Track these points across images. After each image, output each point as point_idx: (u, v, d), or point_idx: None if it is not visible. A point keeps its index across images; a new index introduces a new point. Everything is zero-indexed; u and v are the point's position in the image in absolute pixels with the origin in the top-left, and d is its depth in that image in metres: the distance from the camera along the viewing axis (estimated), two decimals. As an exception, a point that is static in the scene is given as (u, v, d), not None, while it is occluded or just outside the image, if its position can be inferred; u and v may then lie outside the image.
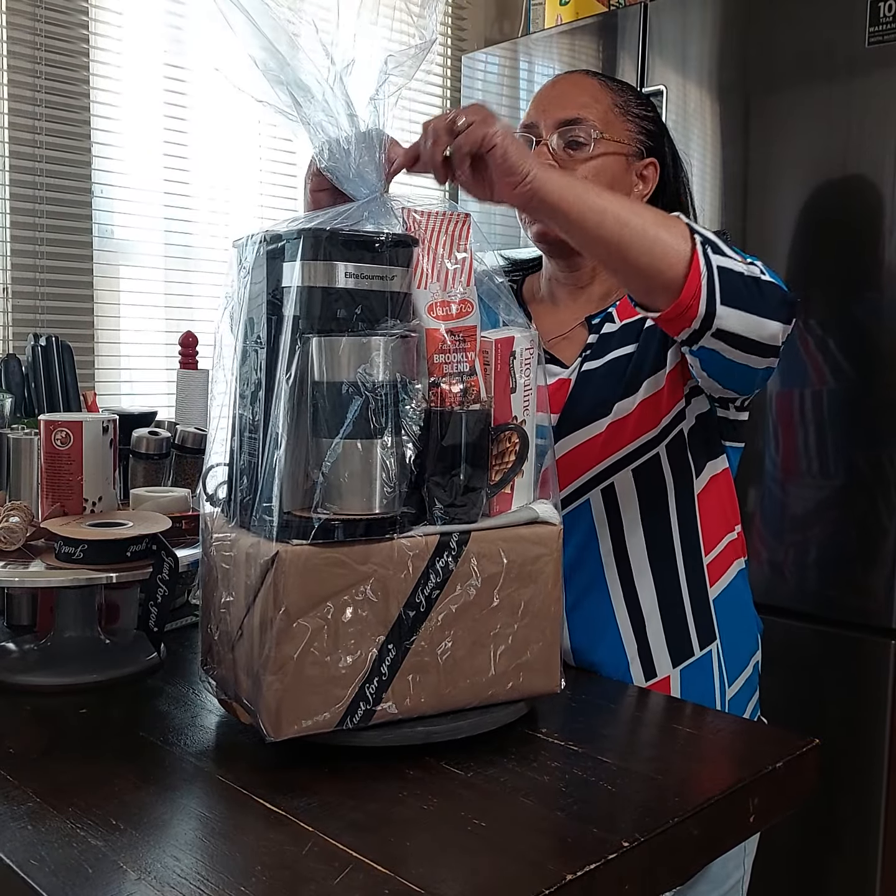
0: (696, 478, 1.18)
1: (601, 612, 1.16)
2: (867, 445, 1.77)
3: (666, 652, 1.16)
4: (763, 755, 0.84)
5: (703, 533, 1.18)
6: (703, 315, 0.96)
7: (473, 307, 0.85)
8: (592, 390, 1.17)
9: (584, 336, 1.23)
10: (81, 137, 2.11)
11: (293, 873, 0.64)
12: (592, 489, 1.16)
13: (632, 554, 1.16)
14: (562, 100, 1.21)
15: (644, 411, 1.15)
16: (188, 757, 0.82)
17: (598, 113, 1.20)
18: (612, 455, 1.15)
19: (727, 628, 1.19)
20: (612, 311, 1.22)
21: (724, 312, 0.97)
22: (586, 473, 1.15)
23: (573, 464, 1.15)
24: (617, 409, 1.15)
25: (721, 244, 0.99)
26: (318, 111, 0.82)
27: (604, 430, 1.15)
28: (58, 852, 0.67)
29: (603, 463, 1.15)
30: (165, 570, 0.94)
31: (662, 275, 0.96)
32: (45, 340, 1.35)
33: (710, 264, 0.96)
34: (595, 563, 1.16)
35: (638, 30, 2.17)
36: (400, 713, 0.81)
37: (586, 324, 1.23)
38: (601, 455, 1.15)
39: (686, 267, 0.95)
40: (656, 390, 1.15)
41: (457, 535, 0.82)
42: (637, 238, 0.95)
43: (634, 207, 0.99)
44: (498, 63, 2.55)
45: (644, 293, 1.00)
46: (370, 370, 0.78)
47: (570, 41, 2.34)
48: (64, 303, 2.11)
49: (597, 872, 0.66)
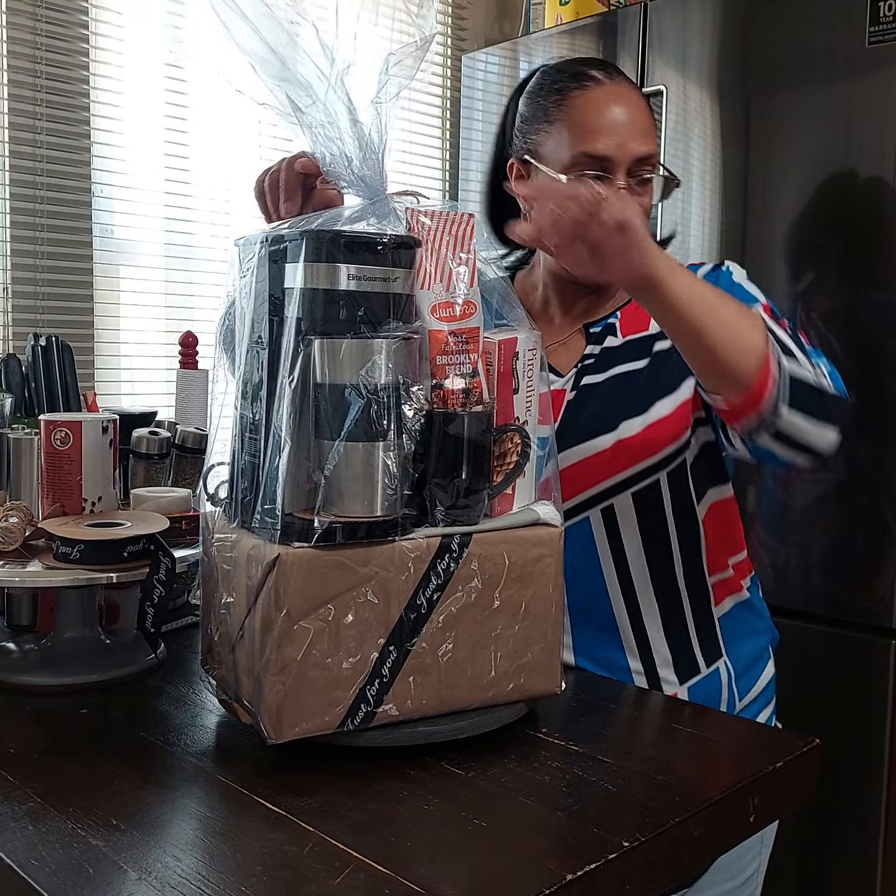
0: (698, 504, 1.17)
1: (605, 627, 1.15)
2: (871, 445, 1.77)
3: (672, 669, 1.15)
4: (763, 755, 0.84)
5: (706, 556, 1.17)
6: (766, 415, 0.97)
7: (477, 308, 0.85)
8: (595, 405, 1.16)
9: (580, 344, 1.21)
10: (81, 137, 2.11)
11: (294, 873, 0.64)
12: (592, 507, 1.14)
13: (633, 571, 1.15)
14: (635, 131, 1.12)
15: (650, 434, 1.13)
16: (188, 757, 0.82)
17: (656, 140, 1.14)
18: (614, 475, 1.13)
19: (734, 645, 1.19)
20: (615, 322, 1.20)
21: (787, 418, 0.97)
22: (587, 490, 1.14)
23: (574, 479, 1.13)
24: (623, 427, 1.13)
25: (792, 345, 1.00)
26: (319, 114, 0.82)
27: (608, 447, 1.13)
28: (58, 852, 0.67)
29: (605, 482, 1.13)
30: (162, 571, 0.94)
31: (737, 368, 0.96)
32: (45, 340, 1.35)
33: (781, 368, 0.97)
34: (597, 579, 1.15)
35: (638, 30, 2.17)
36: (401, 715, 0.81)
37: (583, 331, 1.21)
38: (604, 473, 1.13)
39: (759, 365, 0.95)
40: (666, 415, 1.14)
41: (458, 536, 0.82)
42: (722, 329, 0.95)
43: (724, 297, 0.98)
44: (498, 63, 2.55)
45: (714, 380, 1.00)
46: (372, 372, 0.78)
47: (570, 41, 2.34)
48: (64, 303, 2.11)
49: (597, 872, 0.66)
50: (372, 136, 0.83)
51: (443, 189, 2.88)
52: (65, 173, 2.09)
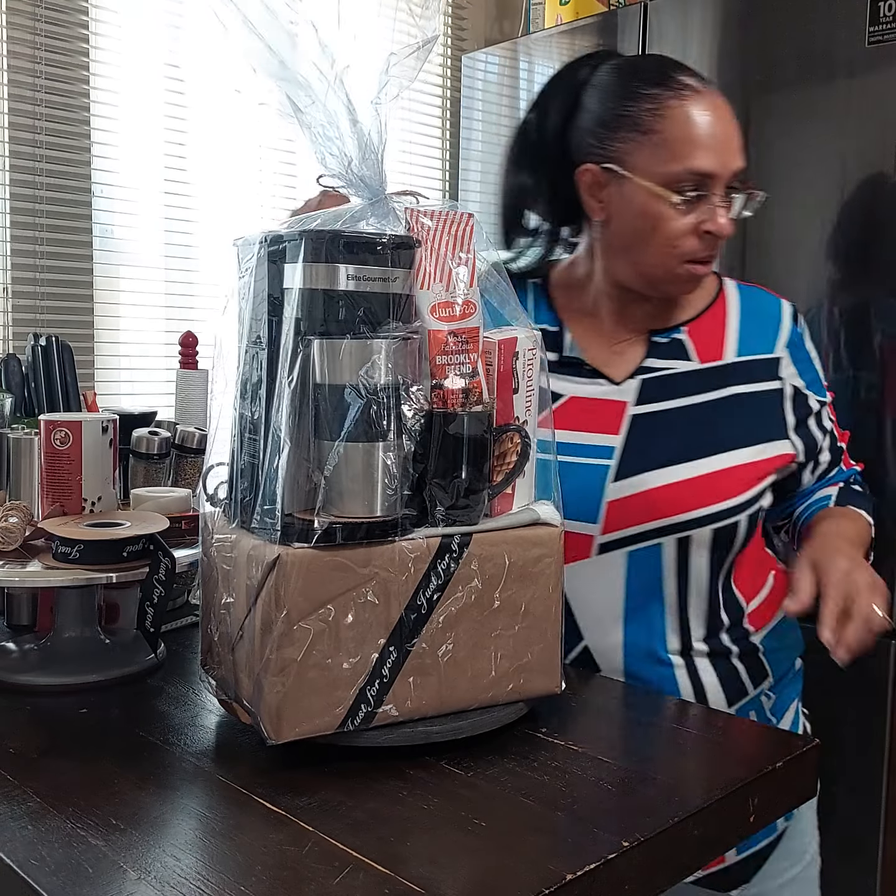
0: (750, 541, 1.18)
1: (656, 655, 1.14)
2: (873, 445, 1.77)
3: (722, 694, 1.14)
4: (763, 755, 0.84)
5: (741, 586, 1.17)
6: None
7: (477, 308, 0.84)
8: (676, 432, 1.13)
9: (637, 352, 1.17)
10: (81, 137, 2.11)
11: (293, 873, 0.64)
12: (668, 535, 1.11)
13: (691, 606, 1.13)
14: (733, 144, 1.09)
15: (744, 472, 1.12)
16: (188, 757, 0.82)
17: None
18: (703, 507, 1.10)
19: (776, 665, 1.20)
20: (682, 338, 1.17)
21: None
22: (670, 518, 1.10)
23: (655, 503, 1.10)
24: (716, 459, 1.12)
25: (859, 479, 1.29)
26: (319, 114, 0.82)
27: (699, 475, 1.11)
28: (58, 852, 0.67)
29: (693, 513, 1.10)
30: (162, 571, 0.94)
31: None
32: (45, 340, 1.35)
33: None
34: (658, 611, 1.13)
35: (638, 30, 2.17)
36: (401, 715, 0.81)
37: (646, 340, 1.18)
38: (692, 503, 1.10)
39: None
40: (755, 460, 1.13)
41: (458, 537, 0.82)
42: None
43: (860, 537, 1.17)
44: (498, 63, 2.55)
45: None
46: (372, 372, 0.78)
47: (570, 41, 2.34)
48: (64, 303, 2.11)
49: (597, 872, 0.66)
50: (371, 136, 0.83)
51: (443, 189, 2.88)
52: (64, 173, 2.09)
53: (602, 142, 1.12)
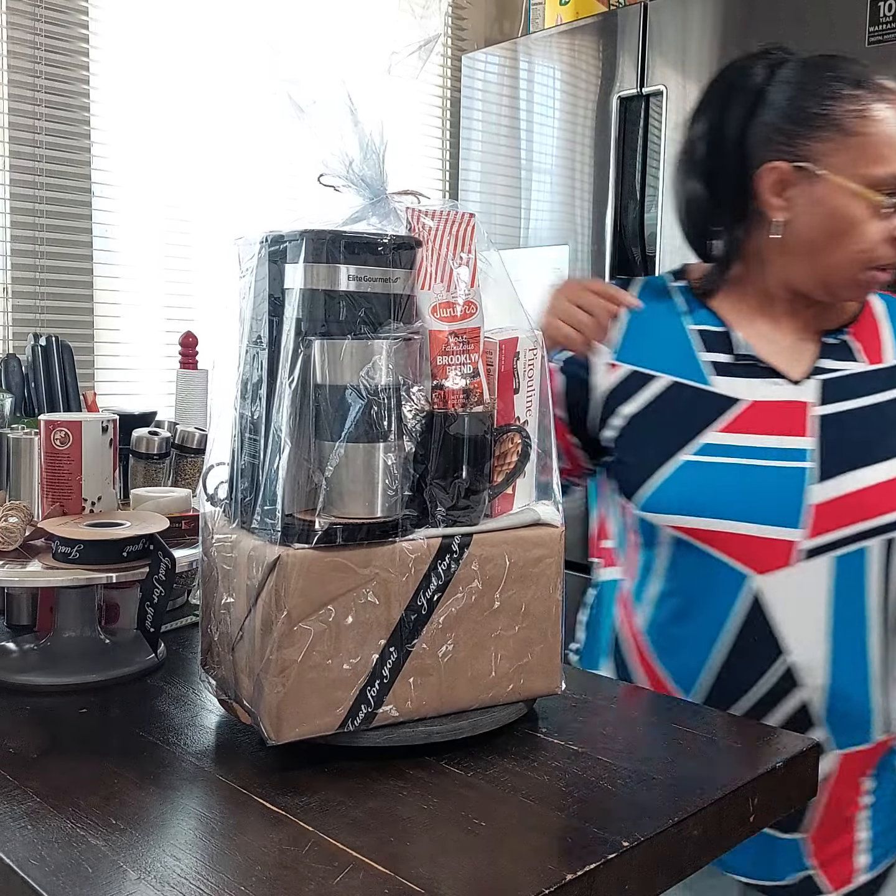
0: None
1: (864, 671, 1.11)
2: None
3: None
4: (763, 755, 0.84)
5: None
6: None
7: (478, 308, 0.85)
8: (866, 430, 1.12)
9: (809, 352, 1.17)
10: (81, 137, 2.11)
11: (293, 873, 0.64)
12: (877, 536, 1.09)
13: (891, 615, 1.12)
14: None
15: None
16: (188, 757, 0.82)
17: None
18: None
19: None
20: (848, 339, 1.18)
21: None
22: (880, 517, 1.09)
23: (864, 503, 1.09)
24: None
25: None
26: (320, 113, 0.82)
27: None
28: (58, 852, 0.67)
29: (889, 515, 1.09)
30: (162, 571, 0.94)
31: None
32: (45, 340, 1.35)
33: None
34: (859, 621, 1.11)
35: (638, 30, 2.17)
36: (401, 716, 0.81)
37: (817, 340, 1.17)
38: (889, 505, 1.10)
39: None
40: None
41: (458, 537, 0.82)
42: None
43: None
44: (498, 63, 2.55)
45: None
46: (372, 373, 0.78)
47: (570, 41, 2.35)
48: (64, 303, 2.11)
49: (597, 872, 0.66)
50: (373, 136, 0.83)
51: (443, 189, 2.88)
52: (64, 173, 2.09)
53: (792, 139, 1.10)
